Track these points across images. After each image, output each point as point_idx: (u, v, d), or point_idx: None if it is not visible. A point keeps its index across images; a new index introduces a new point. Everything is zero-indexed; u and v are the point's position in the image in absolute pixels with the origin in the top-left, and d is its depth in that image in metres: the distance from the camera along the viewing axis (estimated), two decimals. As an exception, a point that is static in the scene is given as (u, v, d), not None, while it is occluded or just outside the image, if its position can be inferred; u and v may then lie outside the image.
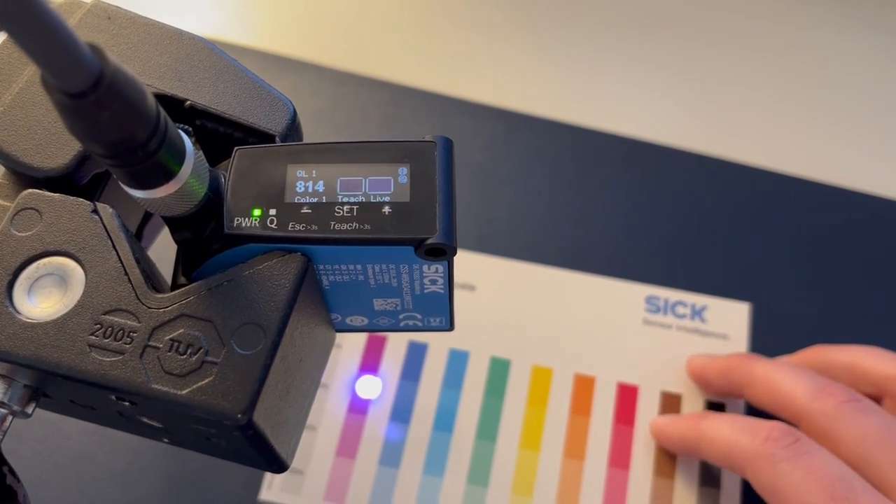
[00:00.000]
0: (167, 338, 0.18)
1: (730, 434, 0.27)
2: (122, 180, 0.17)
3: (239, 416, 0.18)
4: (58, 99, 0.14)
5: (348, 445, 0.32)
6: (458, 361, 0.34)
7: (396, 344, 0.34)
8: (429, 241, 0.19)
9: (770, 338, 0.34)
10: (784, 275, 0.37)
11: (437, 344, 0.34)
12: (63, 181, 0.21)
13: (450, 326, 0.24)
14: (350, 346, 0.34)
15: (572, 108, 0.42)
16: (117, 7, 0.23)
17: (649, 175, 0.40)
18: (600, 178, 0.39)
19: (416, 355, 0.34)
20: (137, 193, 0.18)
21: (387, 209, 0.20)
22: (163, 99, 0.22)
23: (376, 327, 0.24)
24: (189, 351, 0.18)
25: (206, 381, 0.18)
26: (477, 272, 0.36)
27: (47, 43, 0.13)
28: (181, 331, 0.18)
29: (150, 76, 0.22)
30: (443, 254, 0.20)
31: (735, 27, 0.47)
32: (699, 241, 0.38)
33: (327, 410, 0.33)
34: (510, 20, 0.46)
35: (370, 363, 0.34)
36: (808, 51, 0.46)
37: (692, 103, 0.44)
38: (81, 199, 0.20)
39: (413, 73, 0.42)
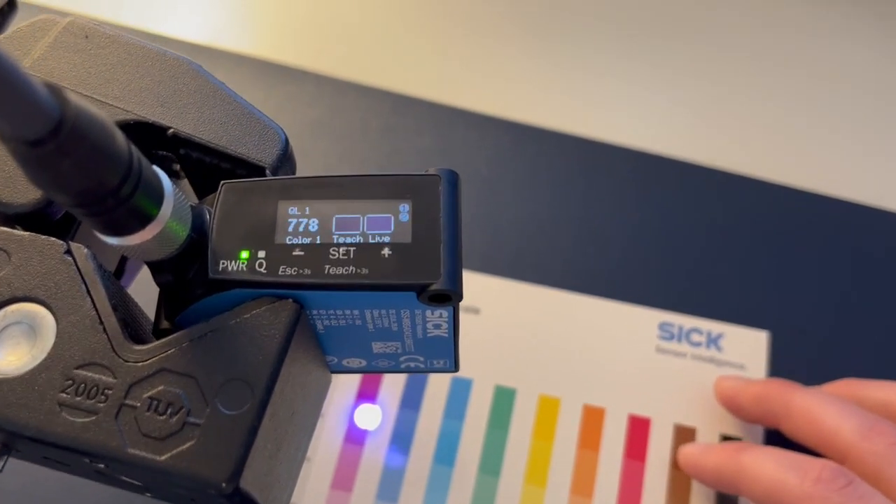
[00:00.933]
0: (145, 395, 0.17)
1: (775, 471, 0.25)
2: (94, 228, 0.15)
3: (223, 484, 0.16)
4: (13, 148, 0.13)
5: (344, 478, 0.30)
6: (460, 390, 0.32)
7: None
8: (432, 287, 0.18)
9: (790, 368, 0.32)
10: (805, 301, 0.35)
11: None
12: (35, 217, 0.19)
13: (454, 368, 0.22)
14: (348, 374, 0.32)
15: (582, 120, 0.40)
16: (95, 25, 0.21)
17: (663, 193, 0.38)
18: (612, 195, 0.38)
19: (416, 383, 0.32)
20: (111, 241, 0.16)
21: (386, 251, 0.18)
22: (144, 126, 0.20)
23: (375, 369, 0.22)
24: (169, 410, 0.17)
25: (188, 445, 0.16)
26: (482, 294, 0.34)
27: (-4, 87, 0.11)
28: (161, 388, 0.17)
29: (129, 101, 0.20)
30: (447, 300, 0.18)
31: (752, 38, 0.45)
32: (715, 264, 0.36)
33: (323, 441, 0.31)
34: (516, 28, 0.44)
35: (368, 391, 0.32)
36: (841, 63, 0.44)
37: (706, 116, 0.42)
38: (54, 239, 0.18)
39: (415, 83, 0.40)
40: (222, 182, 0.19)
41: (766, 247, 0.36)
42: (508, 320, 0.34)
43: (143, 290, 0.21)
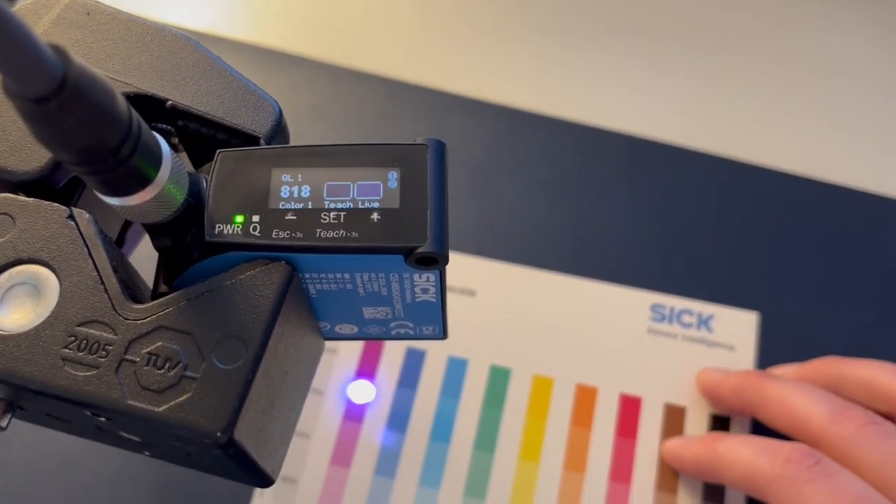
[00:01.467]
0: (144, 351, 0.18)
1: (749, 456, 0.27)
2: (96, 188, 0.16)
3: (218, 434, 0.17)
4: (19, 105, 0.13)
5: (343, 454, 0.31)
6: (456, 369, 0.33)
7: (394, 351, 0.33)
8: (419, 250, 0.18)
9: (779, 349, 0.33)
10: (794, 282, 0.36)
11: (436, 351, 0.33)
12: (39, 184, 0.20)
13: (443, 335, 0.23)
14: (346, 352, 0.33)
15: (576, 105, 0.41)
16: (96, 2, 0.22)
17: (655, 176, 0.39)
18: (604, 179, 0.38)
19: (413, 362, 0.33)
20: (112, 201, 0.17)
21: (375, 216, 0.19)
22: (143, 98, 0.21)
23: (367, 335, 0.23)
24: (167, 365, 0.17)
25: (185, 397, 0.17)
26: (478, 277, 0.35)
27: (4, 45, 0.12)
28: (159, 344, 0.18)
29: (130, 74, 0.21)
30: (434, 263, 0.19)
31: (748, 22, 0.46)
32: (706, 246, 0.37)
33: (322, 418, 0.32)
34: (511, 13, 0.45)
35: (366, 370, 0.33)
36: (825, 49, 0.45)
37: (698, 101, 0.43)
38: (57, 205, 0.19)
39: (410, 69, 0.41)
40: (218, 151, 0.19)
41: (755, 229, 0.37)
42: (503, 302, 0.34)
43: (142, 263, 0.22)
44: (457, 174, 0.38)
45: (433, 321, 0.22)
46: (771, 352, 0.33)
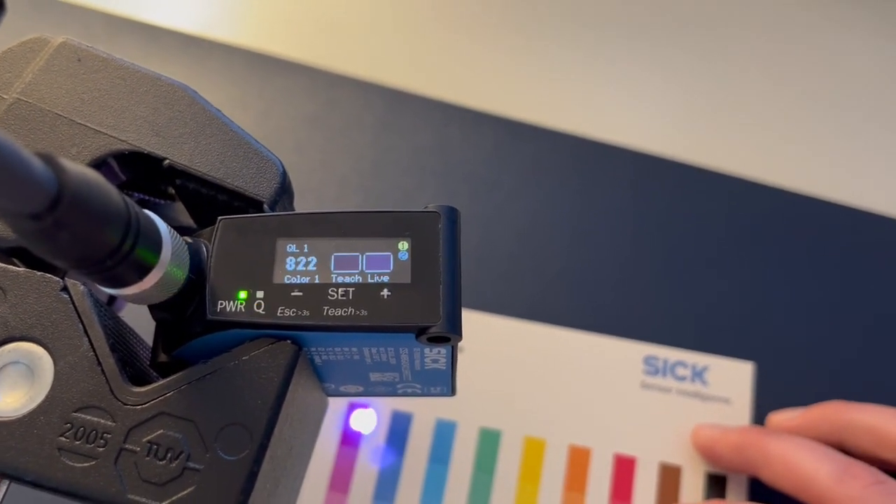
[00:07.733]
0: (145, 440, 0.17)
1: None
2: (98, 283, 0.15)
3: (223, 531, 0.16)
4: (12, 222, 0.12)
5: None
6: (445, 433, 0.31)
7: (379, 414, 0.31)
8: (432, 330, 0.18)
9: (776, 401, 0.32)
10: (790, 329, 0.34)
11: (423, 414, 0.31)
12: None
13: (451, 393, 0.22)
14: (331, 411, 0.31)
15: (578, 118, 0.40)
16: (88, 47, 0.20)
17: (655, 203, 0.38)
18: (600, 203, 0.37)
19: (399, 426, 0.31)
20: (111, 292, 0.16)
21: (385, 292, 0.18)
22: (138, 156, 0.20)
23: (372, 394, 0.22)
24: (169, 455, 0.17)
25: (188, 491, 0.16)
26: (465, 331, 0.32)
27: (-7, 168, 0.11)
28: (160, 432, 0.17)
29: (124, 129, 0.20)
30: (447, 340, 0.18)
31: (756, 35, 0.45)
32: (699, 295, 0.35)
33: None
34: (516, 25, 0.44)
35: (350, 438, 0.31)
36: (845, 65, 0.44)
37: (702, 115, 0.42)
38: (50, 276, 0.18)
39: (411, 78, 0.40)
40: (219, 218, 0.18)
41: (748, 273, 0.36)
42: (493, 358, 0.33)
43: (141, 309, 0.21)
44: (454, 200, 0.36)
45: (442, 384, 0.21)
46: (768, 404, 0.32)
